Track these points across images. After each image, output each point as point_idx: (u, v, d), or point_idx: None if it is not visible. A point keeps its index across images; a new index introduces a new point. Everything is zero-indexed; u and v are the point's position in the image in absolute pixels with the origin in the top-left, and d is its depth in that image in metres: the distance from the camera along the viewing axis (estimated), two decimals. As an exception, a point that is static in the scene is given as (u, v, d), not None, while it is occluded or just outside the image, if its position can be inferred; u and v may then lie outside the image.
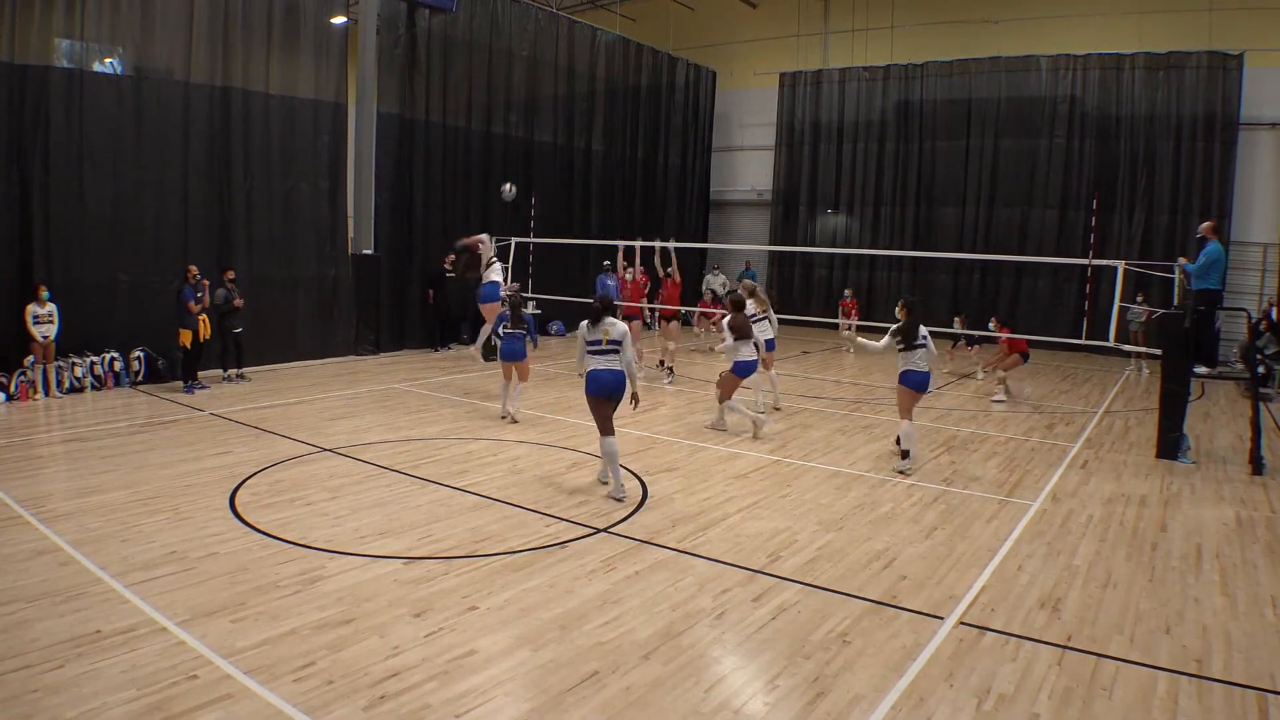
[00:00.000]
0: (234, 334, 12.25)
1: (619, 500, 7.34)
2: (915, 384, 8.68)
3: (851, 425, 10.88)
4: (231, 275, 12.22)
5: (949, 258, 19.92)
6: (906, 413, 8.73)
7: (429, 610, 5.10)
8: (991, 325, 13.54)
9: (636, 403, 7.70)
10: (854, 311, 17.86)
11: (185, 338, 11.55)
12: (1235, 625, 5.25)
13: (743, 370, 9.99)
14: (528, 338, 10.50)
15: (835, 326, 17.68)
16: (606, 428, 7.45)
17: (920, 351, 8.66)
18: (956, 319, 16.69)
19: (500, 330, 10.64)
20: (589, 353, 7.47)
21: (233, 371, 12.36)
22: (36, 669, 4.24)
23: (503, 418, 10.40)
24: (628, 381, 7.48)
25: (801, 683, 4.41)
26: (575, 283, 18.92)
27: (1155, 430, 9.82)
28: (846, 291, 18.96)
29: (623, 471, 8.32)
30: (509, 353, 10.39)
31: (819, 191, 23.31)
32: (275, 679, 4.25)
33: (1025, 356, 13.07)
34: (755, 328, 10.41)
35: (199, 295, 11.60)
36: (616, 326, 7.47)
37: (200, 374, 11.87)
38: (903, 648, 4.82)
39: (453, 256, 16.39)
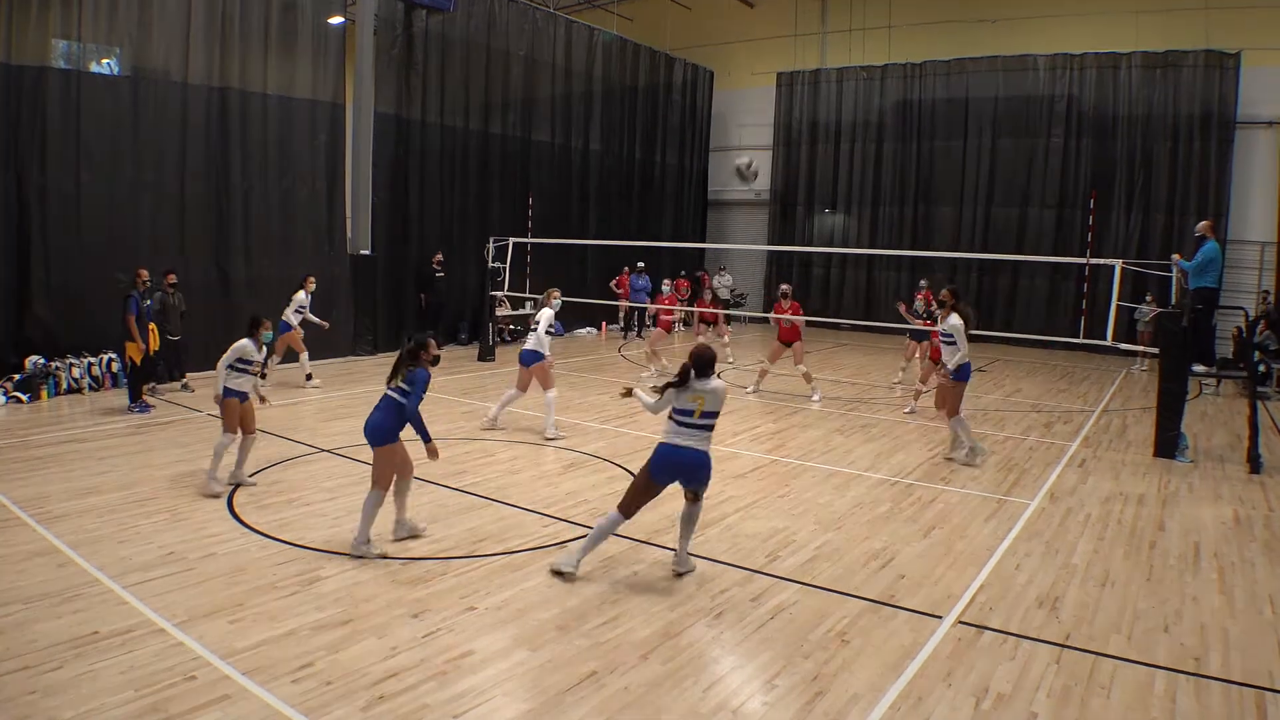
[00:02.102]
0: (171, 340, 11.38)
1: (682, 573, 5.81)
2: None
3: (849, 425, 10.89)
4: (173, 280, 11.34)
5: (947, 257, 19.92)
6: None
7: (427, 611, 5.10)
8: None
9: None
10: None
11: (133, 351, 10.28)
12: (1233, 623, 5.25)
13: None
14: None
15: (835, 326, 17.60)
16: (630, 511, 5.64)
17: None
18: (900, 305, 13.62)
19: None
20: (675, 422, 5.52)
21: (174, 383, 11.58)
22: (34, 670, 4.23)
23: None
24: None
25: (800, 682, 4.42)
26: (574, 283, 18.91)
27: (1153, 429, 9.83)
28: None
29: (621, 471, 8.32)
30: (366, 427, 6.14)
31: (816, 191, 23.32)
32: (273, 680, 4.24)
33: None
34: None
35: (145, 304, 10.49)
36: (714, 393, 5.45)
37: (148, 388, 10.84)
38: (901, 647, 4.82)
39: (440, 256, 16.43)
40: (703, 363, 5.47)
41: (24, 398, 10.64)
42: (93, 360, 11.52)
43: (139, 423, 9.83)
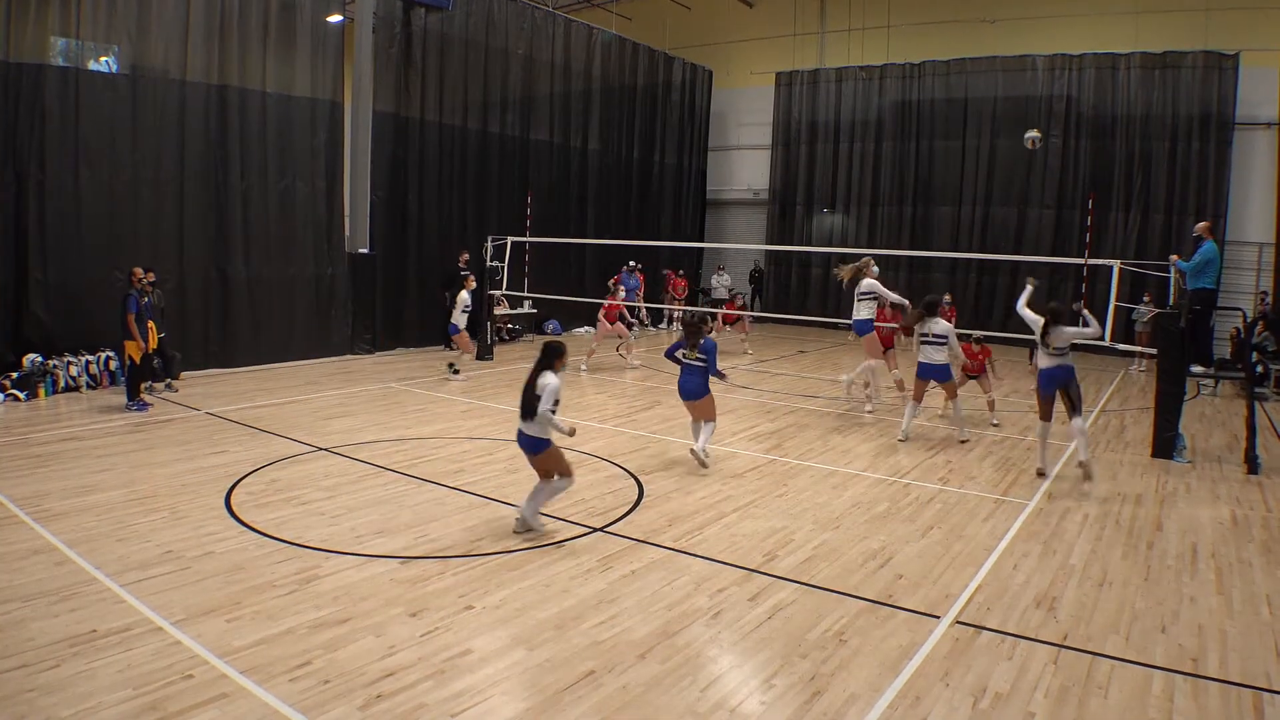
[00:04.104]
0: (159, 338, 11.12)
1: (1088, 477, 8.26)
2: None
3: (847, 424, 10.89)
4: (152, 277, 10.98)
5: (945, 257, 19.93)
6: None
7: (425, 610, 5.10)
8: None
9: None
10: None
11: (133, 349, 10.26)
12: (1230, 624, 5.26)
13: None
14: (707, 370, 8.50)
15: (834, 326, 17.62)
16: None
17: None
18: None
19: (679, 355, 8.69)
20: (1044, 354, 8.56)
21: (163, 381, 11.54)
22: (32, 668, 4.23)
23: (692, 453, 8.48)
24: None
25: (798, 682, 4.42)
26: (572, 282, 18.93)
27: (1151, 429, 9.84)
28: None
29: (619, 470, 8.33)
30: (681, 389, 8.63)
31: (815, 191, 23.32)
32: (271, 678, 4.24)
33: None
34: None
35: (144, 301, 10.48)
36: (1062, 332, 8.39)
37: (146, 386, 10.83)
38: (899, 647, 4.82)
39: (466, 255, 16.41)
40: (1057, 314, 8.42)
41: (22, 396, 10.62)
42: (90, 358, 11.51)
43: (137, 421, 9.82)
